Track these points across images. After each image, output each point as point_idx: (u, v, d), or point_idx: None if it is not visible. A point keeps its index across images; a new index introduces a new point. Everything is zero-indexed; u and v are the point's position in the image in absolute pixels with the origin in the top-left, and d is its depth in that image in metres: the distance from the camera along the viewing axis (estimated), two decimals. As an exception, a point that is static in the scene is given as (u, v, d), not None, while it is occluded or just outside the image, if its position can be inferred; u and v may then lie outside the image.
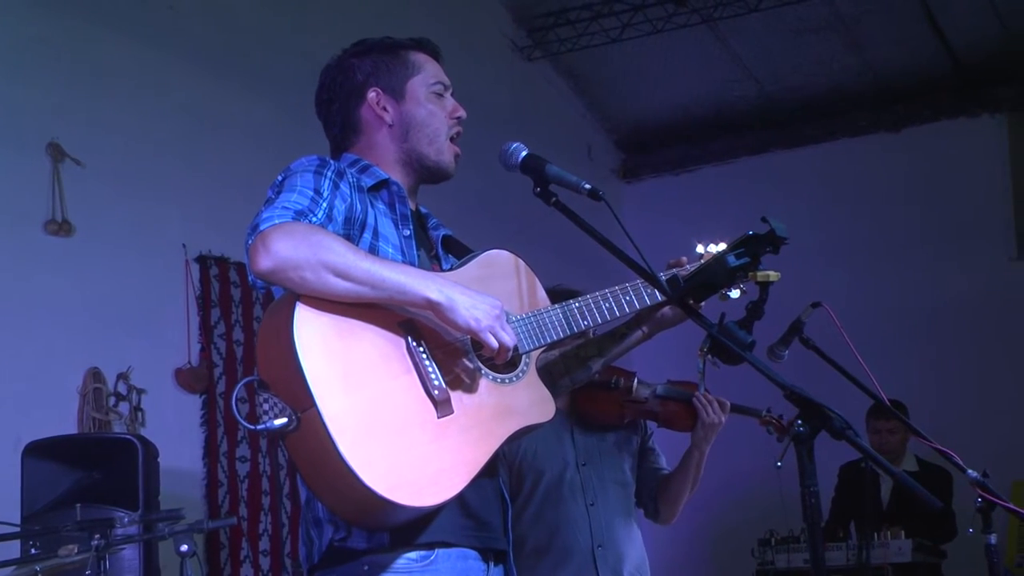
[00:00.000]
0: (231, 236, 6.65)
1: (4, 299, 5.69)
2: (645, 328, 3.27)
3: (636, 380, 4.80)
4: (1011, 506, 3.96)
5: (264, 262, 2.61)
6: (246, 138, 7.04)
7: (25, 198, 5.89)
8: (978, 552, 4.18)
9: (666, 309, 3.22)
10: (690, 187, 11.07)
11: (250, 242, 2.66)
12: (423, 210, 3.18)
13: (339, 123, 3.12)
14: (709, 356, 2.95)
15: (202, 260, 6.73)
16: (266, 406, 2.60)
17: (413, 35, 3.20)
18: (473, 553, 2.84)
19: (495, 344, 2.74)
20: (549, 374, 3.19)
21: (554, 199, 2.92)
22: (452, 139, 3.11)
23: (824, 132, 10.60)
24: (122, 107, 6.37)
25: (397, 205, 2.98)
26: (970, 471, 3.89)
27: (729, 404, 4.78)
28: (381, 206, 2.96)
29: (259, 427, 2.59)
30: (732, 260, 2.97)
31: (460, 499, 2.71)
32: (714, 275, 3.00)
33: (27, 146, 5.91)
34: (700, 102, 10.66)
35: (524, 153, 2.99)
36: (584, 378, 3.36)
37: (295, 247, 2.61)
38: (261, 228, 2.65)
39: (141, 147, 6.46)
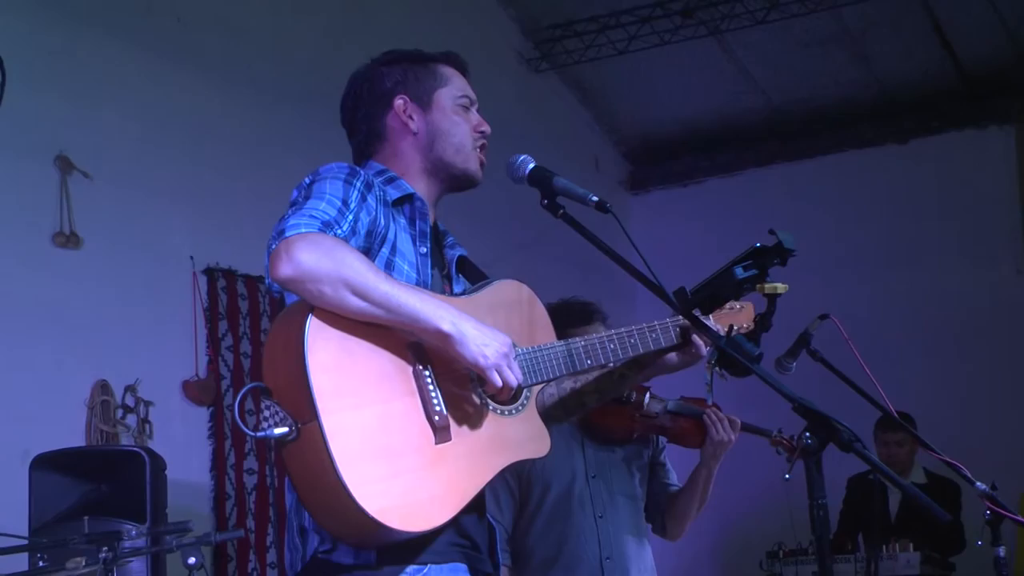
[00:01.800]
0: (239, 248, 6.67)
1: (12, 311, 5.70)
2: (646, 371, 3.26)
3: (648, 394, 4.78)
4: (1020, 519, 3.95)
5: (285, 269, 2.60)
6: (254, 151, 7.06)
7: (33, 210, 5.90)
8: (987, 564, 4.18)
9: (670, 355, 3.21)
10: (697, 199, 11.06)
11: (273, 246, 2.64)
12: (441, 227, 3.17)
13: (364, 129, 3.11)
14: (717, 368, 2.95)
15: (210, 272, 6.74)
16: (267, 413, 2.60)
17: (421, 47, 3.21)
18: (463, 567, 2.83)
19: (499, 383, 2.73)
20: (543, 406, 3.19)
21: (561, 211, 2.92)
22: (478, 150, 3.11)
23: (831, 144, 10.58)
24: (130, 119, 6.38)
25: (418, 221, 2.97)
26: (978, 483, 3.88)
27: (740, 423, 4.77)
28: (402, 220, 2.96)
29: (259, 434, 2.59)
30: (739, 272, 2.97)
31: (453, 520, 2.70)
32: (721, 287, 3.00)
33: (35, 158, 5.92)
34: (707, 114, 10.66)
35: (531, 165, 2.99)
36: (579, 415, 3.38)
37: (318, 260, 2.59)
38: (287, 234, 2.64)
39: (149, 159, 6.47)
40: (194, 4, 6.93)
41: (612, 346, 3.07)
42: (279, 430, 2.57)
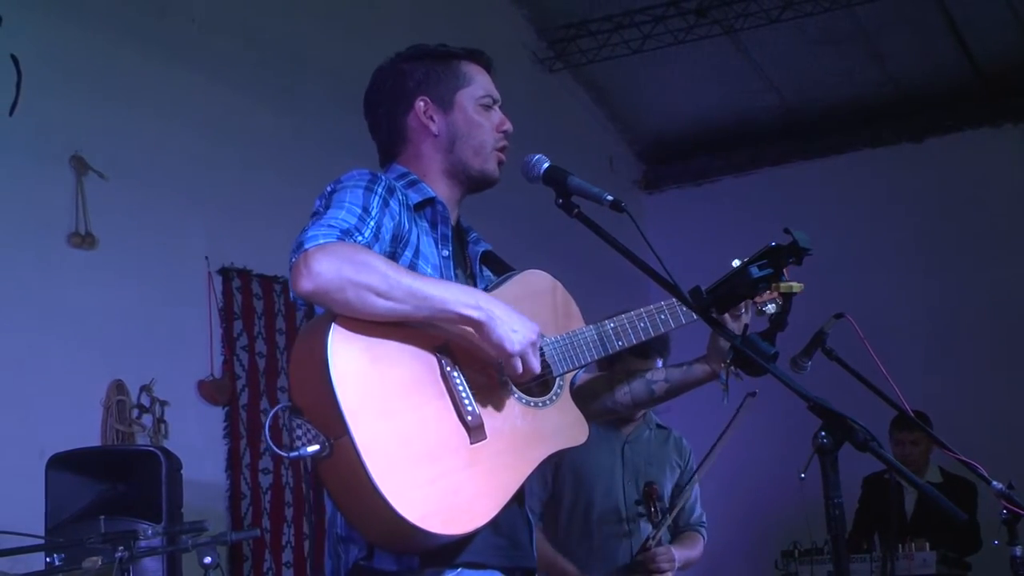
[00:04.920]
0: (254, 248, 6.69)
1: (28, 311, 5.71)
2: (710, 365, 3.19)
3: None
4: (1036, 518, 3.95)
5: (306, 284, 2.60)
6: (268, 151, 7.07)
7: (49, 210, 5.91)
8: (1003, 564, 4.17)
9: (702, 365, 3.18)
10: (712, 198, 11.05)
11: (293, 260, 2.64)
12: (464, 224, 3.17)
13: (385, 128, 3.11)
14: (732, 368, 2.94)
15: (225, 272, 6.75)
16: (299, 431, 2.59)
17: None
18: (498, 575, 2.83)
19: (519, 369, 2.74)
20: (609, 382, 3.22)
21: (576, 210, 2.91)
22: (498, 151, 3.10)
23: (846, 143, 10.57)
24: (145, 120, 6.39)
25: (440, 225, 2.97)
26: (995, 483, 3.88)
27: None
28: (424, 224, 2.96)
29: (292, 454, 2.58)
30: (755, 271, 2.96)
31: (491, 519, 2.70)
32: (737, 286, 2.99)
33: (51, 159, 5.93)
34: (722, 113, 10.65)
35: (546, 165, 2.98)
36: (645, 397, 3.29)
37: (338, 269, 2.59)
38: (305, 247, 2.63)
39: (164, 160, 6.48)
40: (209, 6, 6.94)
41: (643, 324, 3.05)
42: (311, 448, 2.57)
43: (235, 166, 6.89)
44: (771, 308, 3.13)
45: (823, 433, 2.46)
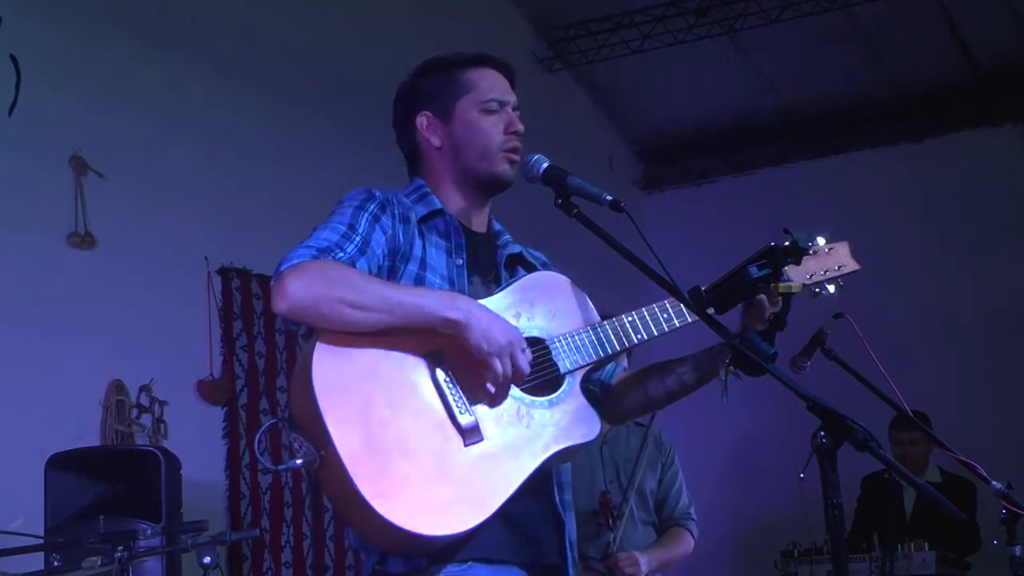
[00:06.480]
0: (253, 249, 6.68)
1: (27, 311, 5.71)
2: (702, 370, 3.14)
3: None
4: (1036, 518, 3.95)
5: (280, 304, 2.67)
6: (268, 151, 7.06)
7: (48, 210, 5.91)
8: (1003, 564, 4.17)
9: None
10: (711, 198, 11.04)
11: (273, 284, 2.70)
12: (496, 227, 3.18)
13: (405, 143, 3.16)
14: (731, 368, 2.94)
15: (224, 272, 6.75)
16: (296, 444, 2.64)
17: (435, 49, 3.21)
18: (517, 571, 2.83)
19: (499, 370, 2.73)
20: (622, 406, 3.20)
21: (575, 210, 2.92)
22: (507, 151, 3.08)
23: (845, 143, 10.55)
24: (144, 120, 6.39)
25: (452, 235, 2.99)
26: (994, 482, 3.88)
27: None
28: (435, 236, 2.98)
29: (280, 467, 2.67)
30: (754, 271, 2.96)
31: (506, 516, 2.72)
32: (736, 286, 2.99)
33: (50, 159, 5.94)
34: (721, 113, 10.64)
35: (545, 165, 2.99)
36: (678, 387, 3.19)
37: (308, 286, 2.65)
38: (280, 269, 2.70)
39: (163, 160, 6.48)
40: (208, 6, 6.93)
41: (665, 315, 3.02)
42: (299, 460, 2.62)
43: (235, 166, 6.89)
44: (832, 288, 3.12)
45: (822, 433, 2.46)
